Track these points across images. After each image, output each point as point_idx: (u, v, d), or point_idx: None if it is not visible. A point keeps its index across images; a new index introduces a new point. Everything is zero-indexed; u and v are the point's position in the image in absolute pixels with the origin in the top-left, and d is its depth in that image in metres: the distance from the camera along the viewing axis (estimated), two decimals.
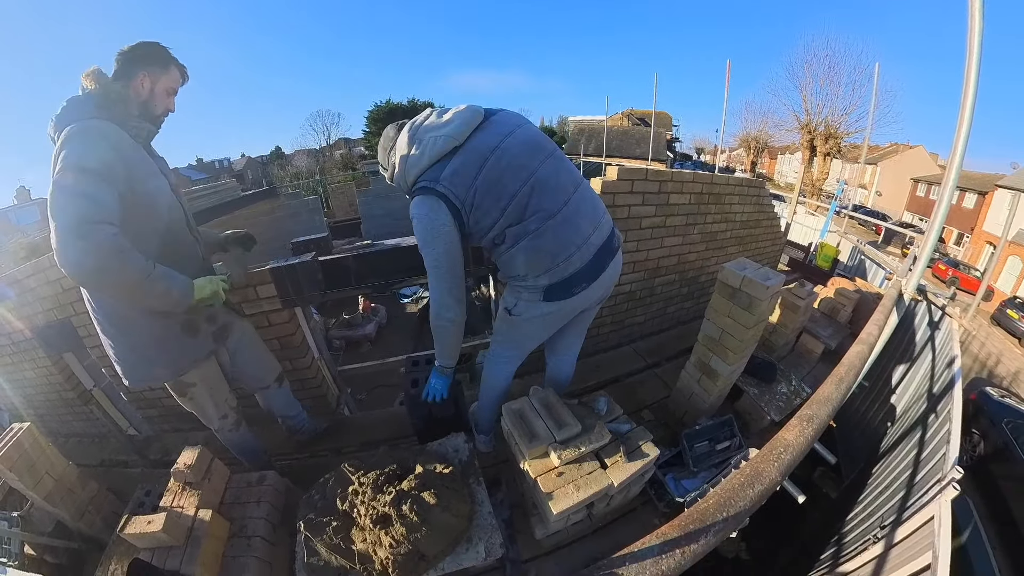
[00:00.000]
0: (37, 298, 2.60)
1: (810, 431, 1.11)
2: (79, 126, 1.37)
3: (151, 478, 2.11)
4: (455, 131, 1.46)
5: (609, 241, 1.65)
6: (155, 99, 1.60)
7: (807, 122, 22.47)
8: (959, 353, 2.34)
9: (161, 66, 1.58)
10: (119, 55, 1.52)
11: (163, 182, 1.62)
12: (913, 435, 2.26)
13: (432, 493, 1.53)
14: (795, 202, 8.15)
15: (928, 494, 1.72)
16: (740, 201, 3.87)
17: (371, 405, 4.85)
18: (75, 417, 3.13)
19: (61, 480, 1.98)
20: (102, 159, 1.35)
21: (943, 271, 17.94)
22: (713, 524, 0.82)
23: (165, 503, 1.72)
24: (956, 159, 2.14)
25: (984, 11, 1.91)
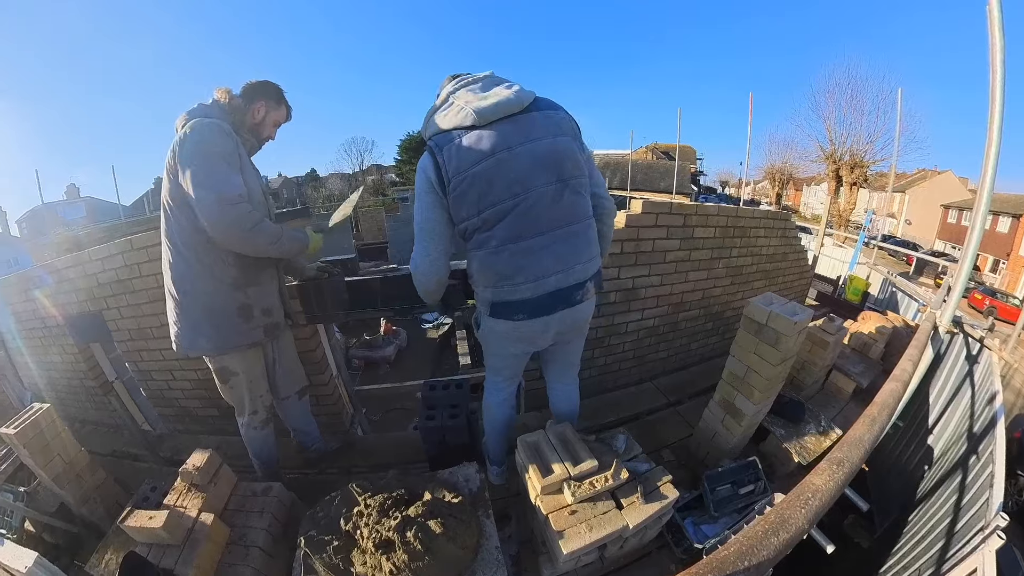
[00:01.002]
0: (73, 288, 2.73)
1: (841, 475, 1.05)
2: (209, 121, 1.67)
3: (159, 474, 2.16)
4: (482, 111, 1.40)
5: (571, 291, 1.55)
6: (264, 126, 1.94)
7: (832, 152, 22.24)
8: (1000, 388, 2.21)
9: (276, 101, 1.93)
10: (247, 84, 1.88)
11: (260, 183, 1.93)
12: (953, 479, 2.13)
13: (439, 522, 1.49)
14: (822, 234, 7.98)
15: (970, 544, 1.61)
16: (766, 234, 3.81)
17: (384, 427, 4.84)
18: (94, 406, 3.24)
19: (71, 464, 2.04)
20: (229, 148, 1.68)
21: (979, 301, 17.08)
22: (733, 574, 0.77)
23: (169, 501, 1.73)
24: (987, 182, 2.08)
25: (1004, 27, 1.88)
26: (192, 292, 1.80)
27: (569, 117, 1.54)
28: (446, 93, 1.50)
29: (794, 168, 30.81)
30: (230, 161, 1.67)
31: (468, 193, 1.42)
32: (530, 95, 1.48)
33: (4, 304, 3.07)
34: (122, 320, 2.72)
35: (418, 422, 2.26)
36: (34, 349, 3.20)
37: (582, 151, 1.56)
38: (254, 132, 1.90)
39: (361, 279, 2.53)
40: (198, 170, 1.60)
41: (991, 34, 1.90)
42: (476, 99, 1.43)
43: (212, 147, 1.64)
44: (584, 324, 1.79)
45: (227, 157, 1.67)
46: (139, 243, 2.48)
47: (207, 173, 1.61)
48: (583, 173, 1.55)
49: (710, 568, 0.78)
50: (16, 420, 1.89)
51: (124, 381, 3.23)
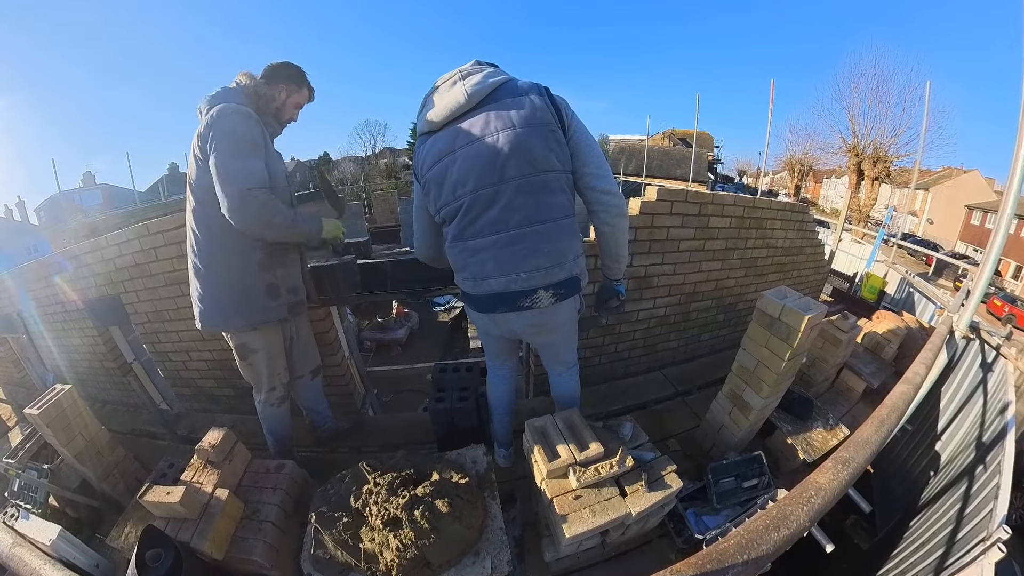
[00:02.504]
0: (92, 273, 2.79)
1: (845, 475, 1.05)
2: (234, 107, 1.69)
3: (176, 452, 2.25)
4: (434, 118, 1.48)
5: (515, 296, 1.50)
6: (286, 108, 1.94)
7: (854, 144, 21.67)
8: (1013, 399, 2.16)
9: (297, 84, 1.92)
10: (268, 67, 1.88)
11: (282, 166, 1.95)
12: (958, 487, 2.10)
13: (446, 502, 1.53)
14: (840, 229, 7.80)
15: (970, 554, 1.59)
16: (782, 226, 3.74)
17: (395, 408, 4.91)
18: (113, 386, 3.34)
19: (92, 442, 2.12)
20: (255, 135, 1.70)
21: (998, 307, 16.65)
22: (731, 566, 0.78)
23: (186, 477, 1.79)
24: (1014, 184, 1.99)
25: None
26: (221, 273, 1.84)
27: (539, 102, 1.41)
28: (424, 96, 1.56)
29: (814, 160, 30.09)
30: (255, 148, 1.69)
31: (430, 193, 1.56)
32: (487, 87, 1.41)
33: (25, 290, 3.16)
34: (139, 303, 2.78)
35: (428, 404, 2.30)
36: (55, 333, 3.30)
37: (554, 142, 1.42)
38: (276, 115, 1.91)
39: (373, 262, 2.55)
40: (222, 158, 1.62)
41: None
42: (435, 103, 1.48)
43: (236, 134, 1.65)
44: (546, 329, 1.69)
45: (252, 144, 1.69)
46: (155, 228, 2.52)
47: (230, 162, 1.63)
48: (546, 168, 1.42)
49: (710, 559, 0.79)
50: (39, 401, 1.95)
51: (142, 362, 3.33)
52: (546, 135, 1.40)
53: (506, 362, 2.05)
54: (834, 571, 2.37)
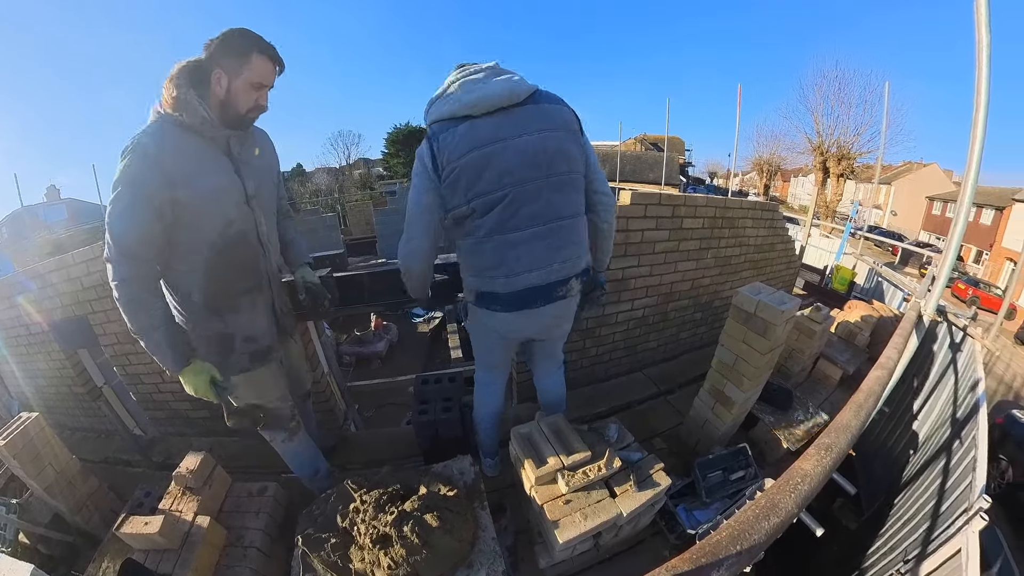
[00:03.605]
0: (57, 293, 2.67)
1: (828, 460, 1.07)
2: (128, 145, 1.33)
3: (152, 479, 2.15)
4: (477, 102, 1.41)
5: (551, 288, 1.57)
6: (235, 98, 1.43)
7: (819, 143, 22.54)
8: (983, 375, 2.25)
9: (237, 57, 1.38)
10: (191, 60, 1.41)
11: (227, 186, 1.50)
12: (937, 463, 2.18)
13: (435, 515, 1.50)
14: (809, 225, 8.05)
15: (954, 525, 1.64)
16: (754, 225, 3.83)
17: (378, 423, 4.82)
18: (83, 412, 3.18)
19: (63, 472, 2.01)
20: (134, 184, 1.31)
21: (963, 290, 17.46)
22: (726, 558, 0.78)
23: (164, 506, 1.72)
24: (971, 175, 2.11)
25: (990, 24, 1.91)
26: (173, 317, 1.54)
27: (570, 111, 1.54)
28: (448, 83, 1.49)
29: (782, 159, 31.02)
30: (135, 200, 1.31)
31: (459, 181, 1.43)
32: (529, 88, 1.47)
33: None
34: (108, 324, 2.67)
35: (411, 417, 2.26)
36: (19, 357, 3.13)
37: (580, 146, 1.55)
38: (224, 113, 1.44)
39: (350, 274, 2.51)
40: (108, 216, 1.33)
41: (978, 30, 1.93)
42: (474, 90, 1.43)
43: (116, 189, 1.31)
44: (565, 319, 1.78)
45: (131, 199, 1.31)
46: None
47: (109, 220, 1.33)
48: (576, 169, 1.54)
49: (704, 553, 0.79)
50: (5, 431, 1.85)
51: (113, 386, 3.17)
52: (577, 140, 1.54)
53: (503, 372, 2.04)
54: (825, 554, 2.42)
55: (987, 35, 1.91)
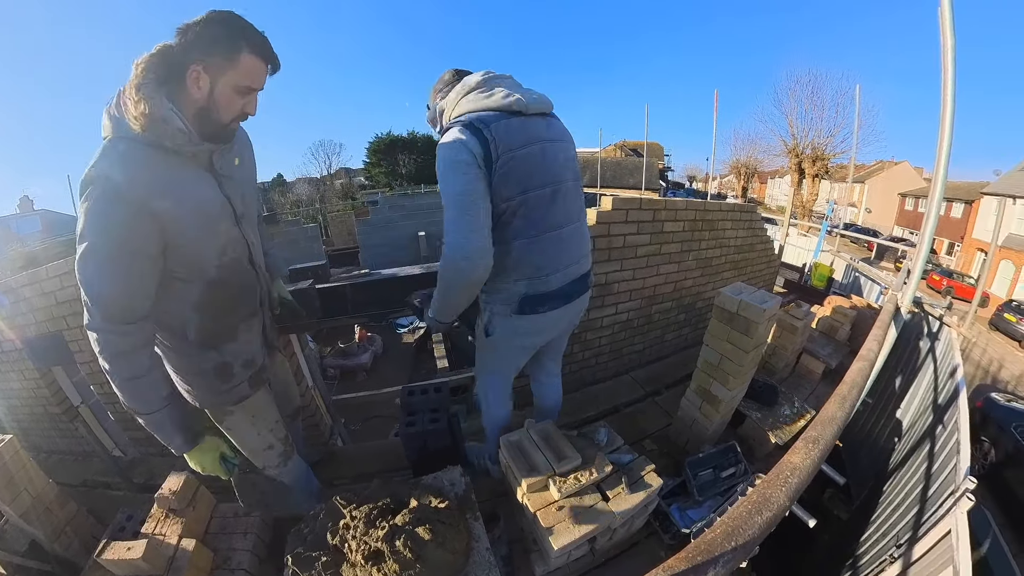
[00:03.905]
0: (30, 308, 2.57)
1: (816, 453, 1.08)
2: (89, 178, 1.06)
3: (134, 502, 2.05)
4: (527, 103, 1.43)
5: (585, 276, 1.71)
6: (217, 104, 1.14)
7: (794, 146, 23.22)
8: (961, 362, 2.33)
9: (222, 54, 1.10)
10: (163, 47, 1.10)
11: (216, 209, 1.30)
12: (922, 449, 2.23)
13: (427, 528, 1.47)
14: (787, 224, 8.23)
15: (943, 508, 1.68)
16: (733, 226, 3.90)
17: (365, 436, 4.74)
18: (59, 433, 3.05)
19: (39, 497, 1.91)
20: (111, 233, 1.08)
21: (937, 281, 18.00)
22: (722, 555, 0.78)
23: (147, 529, 1.65)
24: (940, 171, 2.18)
25: (955, 27, 1.99)
26: (162, 352, 1.42)
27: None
28: (482, 79, 1.46)
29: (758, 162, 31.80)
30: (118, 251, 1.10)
31: (512, 173, 1.39)
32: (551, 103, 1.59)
33: None
34: (84, 340, 2.51)
35: (399, 429, 2.23)
36: None
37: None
38: (203, 121, 1.16)
39: (333, 286, 2.48)
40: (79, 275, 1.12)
41: (943, 34, 2.01)
42: (522, 91, 1.48)
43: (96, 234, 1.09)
44: (582, 314, 1.87)
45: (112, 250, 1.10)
46: None
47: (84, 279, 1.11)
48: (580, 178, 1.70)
49: (699, 551, 0.78)
50: None
51: (90, 405, 3.05)
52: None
53: (514, 377, 2.04)
54: (819, 544, 2.44)
55: (952, 38, 1.99)
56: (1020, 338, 13.13)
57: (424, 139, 31.31)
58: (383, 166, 31.57)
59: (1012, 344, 12.85)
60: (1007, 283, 18.55)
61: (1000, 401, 5.91)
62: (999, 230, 7.24)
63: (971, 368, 6.39)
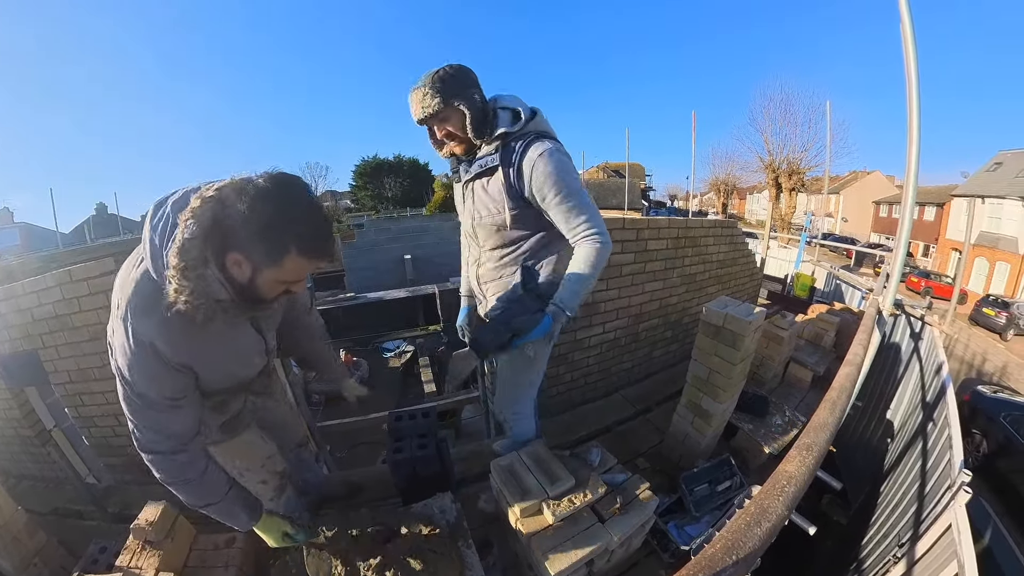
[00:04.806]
0: (4, 325, 2.45)
1: (811, 460, 1.06)
2: (134, 328, 1.04)
3: (108, 533, 1.97)
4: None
5: None
6: (259, 289, 1.06)
7: (770, 162, 23.95)
8: (945, 358, 2.36)
9: (267, 251, 0.97)
10: (203, 215, 0.92)
11: (247, 351, 1.33)
12: (915, 447, 2.24)
13: (418, 559, 1.41)
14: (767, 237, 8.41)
15: (941, 503, 1.68)
16: (715, 242, 3.97)
17: (351, 463, 4.60)
18: (30, 458, 2.89)
19: (7, 526, 1.82)
20: (155, 380, 1.10)
21: (916, 283, 18.50)
22: (723, 570, 0.76)
23: (121, 562, 1.56)
24: (911, 177, 2.26)
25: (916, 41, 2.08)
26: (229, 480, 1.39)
27: None
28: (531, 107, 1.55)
29: (737, 179, 32.68)
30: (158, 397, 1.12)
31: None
32: None
33: None
34: (60, 360, 2.46)
35: (386, 455, 2.16)
36: None
37: None
38: (243, 295, 1.06)
39: (321, 309, 2.43)
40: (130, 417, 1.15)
41: (905, 48, 2.11)
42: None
43: (139, 388, 1.10)
44: None
45: (155, 399, 1.12)
46: (79, 275, 2.24)
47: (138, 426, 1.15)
48: None
49: (700, 567, 0.76)
50: None
51: (64, 429, 2.89)
52: None
53: None
54: (821, 550, 2.41)
55: (914, 51, 2.08)
56: (1000, 331, 13.49)
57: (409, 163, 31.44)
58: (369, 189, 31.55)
59: (993, 337, 13.19)
60: (983, 279, 19.17)
61: (987, 393, 5.99)
62: (971, 229, 7.49)
63: (956, 364, 6.49)
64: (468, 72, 1.46)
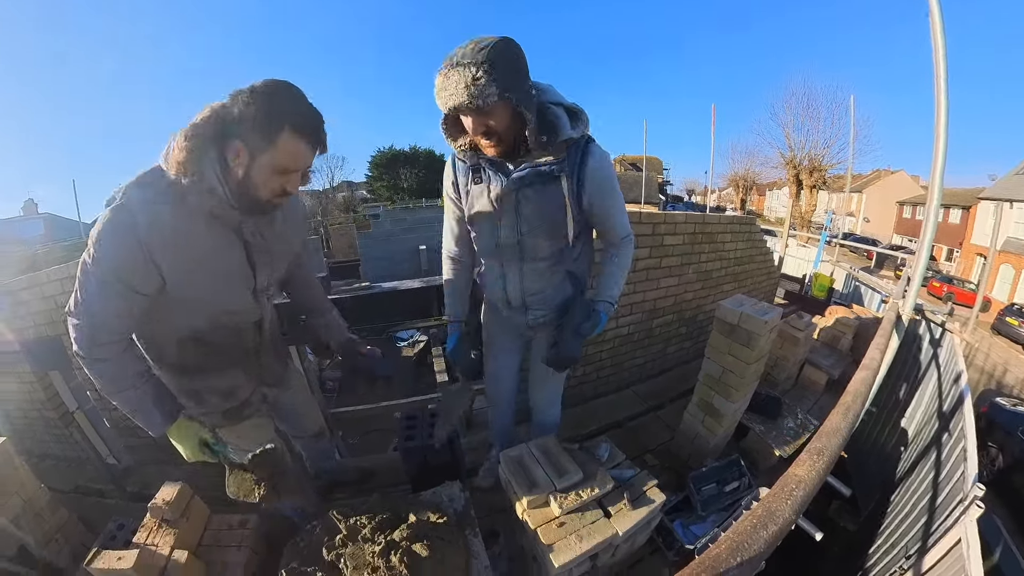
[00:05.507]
0: (29, 312, 2.58)
1: (821, 464, 1.06)
2: (117, 195, 1.09)
3: (126, 511, 2.05)
4: None
5: None
6: (254, 181, 1.10)
7: (791, 158, 23.43)
8: (964, 368, 2.30)
9: (265, 132, 1.04)
10: (211, 112, 1.05)
11: (232, 277, 1.29)
12: (928, 457, 2.20)
13: (424, 544, 1.44)
14: (786, 235, 8.26)
15: (952, 516, 1.65)
16: (733, 239, 3.92)
17: (363, 450, 4.69)
18: (53, 438, 3.03)
19: (30, 503, 1.89)
20: (114, 264, 1.08)
21: (938, 288, 17.97)
22: (727, 571, 0.76)
23: (138, 539, 1.61)
24: (937, 178, 2.17)
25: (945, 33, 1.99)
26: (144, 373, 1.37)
27: None
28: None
29: (756, 174, 32.11)
30: (116, 281, 1.10)
31: None
32: None
33: None
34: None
35: (398, 443, 2.20)
36: None
37: None
38: (241, 193, 1.12)
39: (333, 298, 2.47)
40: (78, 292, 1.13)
41: (934, 42, 2.01)
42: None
43: (96, 265, 1.09)
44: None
45: (110, 280, 1.10)
46: None
47: (81, 282, 1.12)
48: None
49: (704, 567, 0.76)
50: None
51: (86, 411, 3.00)
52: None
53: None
54: (827, 557, 2.39)
55: (943, 45, 2.00)
56: (1023, 342, 13.06)
57: (425, 154, 31.54)
58: (385, 180, 31.77)
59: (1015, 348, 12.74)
60: (1008, 287, 18.63)
61: (1005, 406, 5.84)
62: (997, 234, 7.26)
63: (975, 374, 6.32)
64: (520, 52, 1.16)
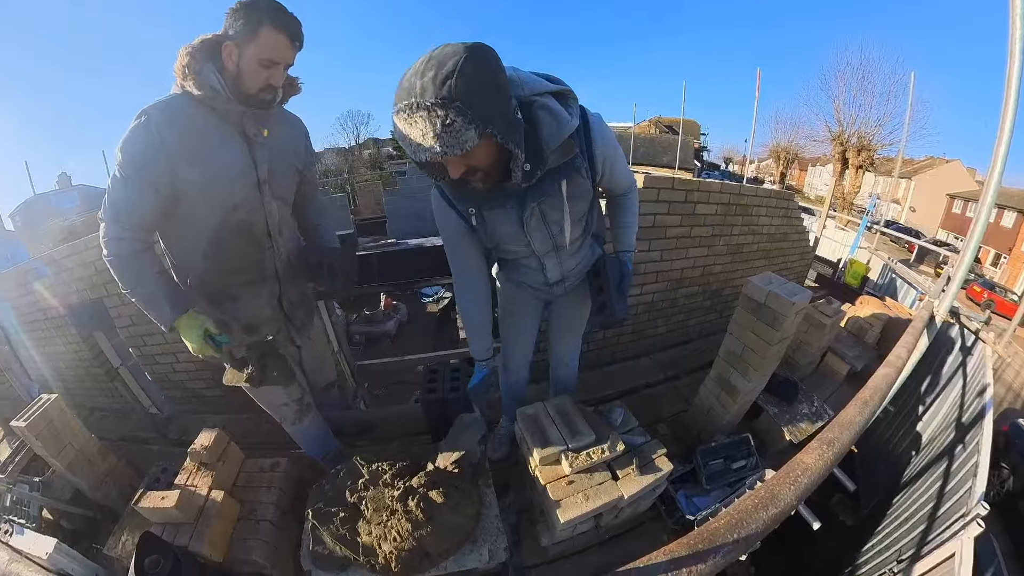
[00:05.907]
0: (72, 278, 2.72)
1: (830, 455, 1.08)
2: (135, 125, 1.27)
3: (168, 456, 2.20)
4: None
5: None
6: (243, 73, 1.31)
7: (839, 133, 22.05)
8: (991, 381, 2.22)
9: (248, 27, 1.25)
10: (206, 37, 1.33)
11: (236, 166, 1.42)
12: (938, 466, 2.17)
13: (440, 492, 1.54)
14: (825, 216, 7.92)
15: (950, 529, 1.65)
16: (768, 213, 3.79)
17: (387, 401, 4.90)
18: (101, 392, 3.27)
19: (82, 451, 2.07)
20: (133, 159, 1.27)
21: (978, 293, 16.98)
22: (723, 545, 0.81)
23: (179, 481, 1.77)
24: (995, 174, 2.03)
25: None
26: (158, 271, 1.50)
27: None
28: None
29: (800, 148, 30.43)
30: (131, 171, 1.29)
31: None
32: None
33: (4, 299, 3.07)
34: (123, 307, 2.72)
35: (419, 395, 2.30)
36: (38, 341, 3.23)
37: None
38: (236, 91, 1.33)
39: (360, 254, 2.53)
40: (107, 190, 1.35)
41: (1012, 22, 1.81)
42: None
43: (119, 164, 1.30)
44: None
45: (130, 166, 1.29)
46: None
47: (111, 182, 1.33)
48: None
49: (701, 539, 0.81)
50: (26, 412, 1.91)
51: (129, 367, 3.25)
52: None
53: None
54: (821, 547, 2.44)
55: (1022, 27, 1.82)
56: None
57: None
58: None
59: None
60: None
61: None
62: None
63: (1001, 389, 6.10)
64: (492, 65, 0.92)
